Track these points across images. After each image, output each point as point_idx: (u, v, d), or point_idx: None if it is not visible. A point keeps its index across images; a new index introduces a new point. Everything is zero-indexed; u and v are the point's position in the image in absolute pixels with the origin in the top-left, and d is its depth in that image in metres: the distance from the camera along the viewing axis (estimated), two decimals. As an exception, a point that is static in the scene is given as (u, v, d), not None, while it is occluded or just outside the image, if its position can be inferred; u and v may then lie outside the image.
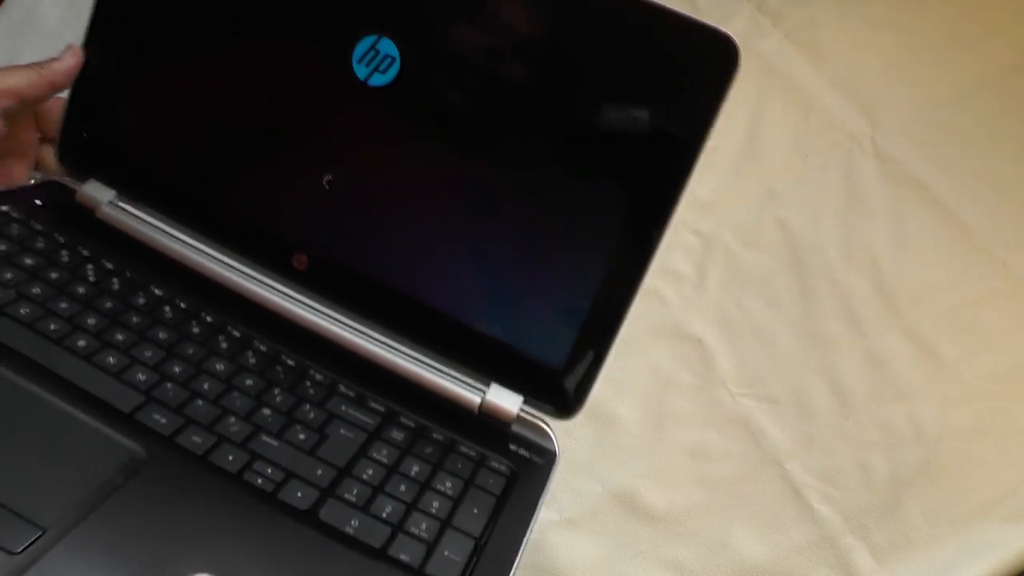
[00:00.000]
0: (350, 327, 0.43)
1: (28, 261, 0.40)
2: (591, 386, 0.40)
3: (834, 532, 0.46)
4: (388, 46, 0.41)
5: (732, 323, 0.54)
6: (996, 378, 0.50)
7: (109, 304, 0.40)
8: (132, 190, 0.45)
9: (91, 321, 0.38)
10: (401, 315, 0.42)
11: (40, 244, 0.42)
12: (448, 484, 0.37)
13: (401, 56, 0.41)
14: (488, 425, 0.41)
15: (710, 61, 0.38)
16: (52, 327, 0.37)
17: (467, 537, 0.35)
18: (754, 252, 0.57)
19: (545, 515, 0.48)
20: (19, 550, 0.29)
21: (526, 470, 0.39)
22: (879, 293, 0.54)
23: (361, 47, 0.41)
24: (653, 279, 0.43)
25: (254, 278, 0.44)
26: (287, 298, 0.43)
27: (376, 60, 0.41)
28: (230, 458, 0.35)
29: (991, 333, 0.52)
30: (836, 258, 0.56)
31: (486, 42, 0.40)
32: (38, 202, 0.45)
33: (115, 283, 0.41)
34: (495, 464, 0.39)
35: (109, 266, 0.42)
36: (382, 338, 0.43)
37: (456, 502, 0.36)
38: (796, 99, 0.64)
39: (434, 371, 0.42)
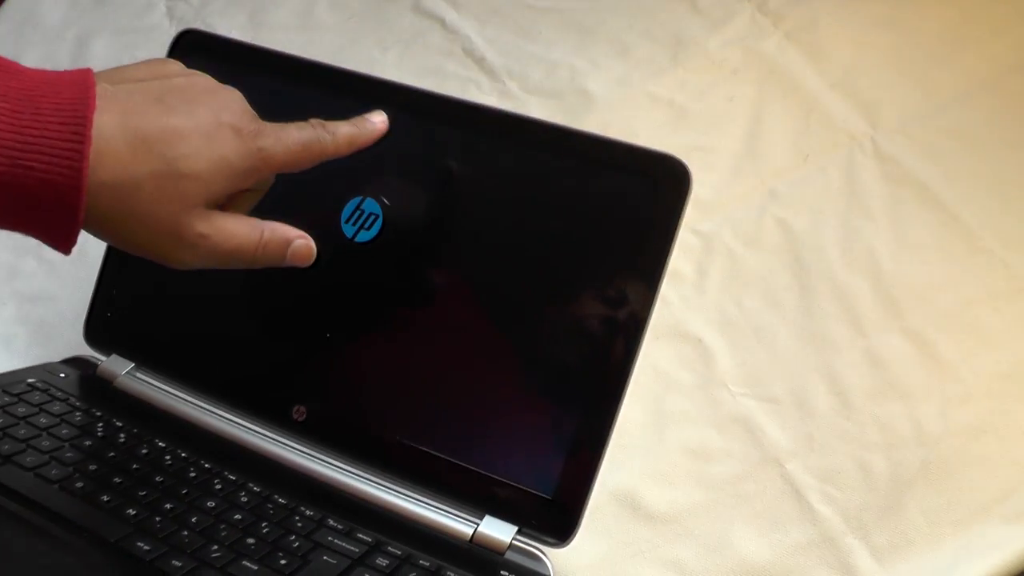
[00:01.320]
0: (344, 470, 0.45)
1: (43, 420, 0.45)
2: (582, 512, 0.41)
3: (834, 532, 0.46)
4: (372, 205, 0.45)
5: (732, 323, 0.55)
6: (996, 378, 0.50)
7: (112, 454, 0.43)
8: (147, 362, 0.51)
9: (92, 467, 0.42)
10: (394, 458, 0.45)
11: (56, 407, 0.46)
12: None
13: (384, 213, 0.45)
14: (480, 555, 0.42)
15: (664, 186, 0.41)
16: (54, 472, 0.41)
17: None
18: (754, 252, 0.57)
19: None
20: None
21: None
22: (879, 293, 0.54)
23: (348, 208, 0.46)
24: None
25: (254, 430, 0.47)
26: (285, 447, 0.46)
27: (361, 219, 0.45)
28: None
29: (991, 333, 0.52)
30: (836, 258, 0.56)
31: (453, 196, 0.45)
32: (63, 375, 0.51)
33: (122, 437, 0.45)
34: None
35: (118, 424, 0.46)
36: (375, 479, 0.45)
37: None
38: (796, 99, 0.64)
39: (426, 506, 0.44)
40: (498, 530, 0.42)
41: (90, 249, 0.61)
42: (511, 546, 0.42)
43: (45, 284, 0.63)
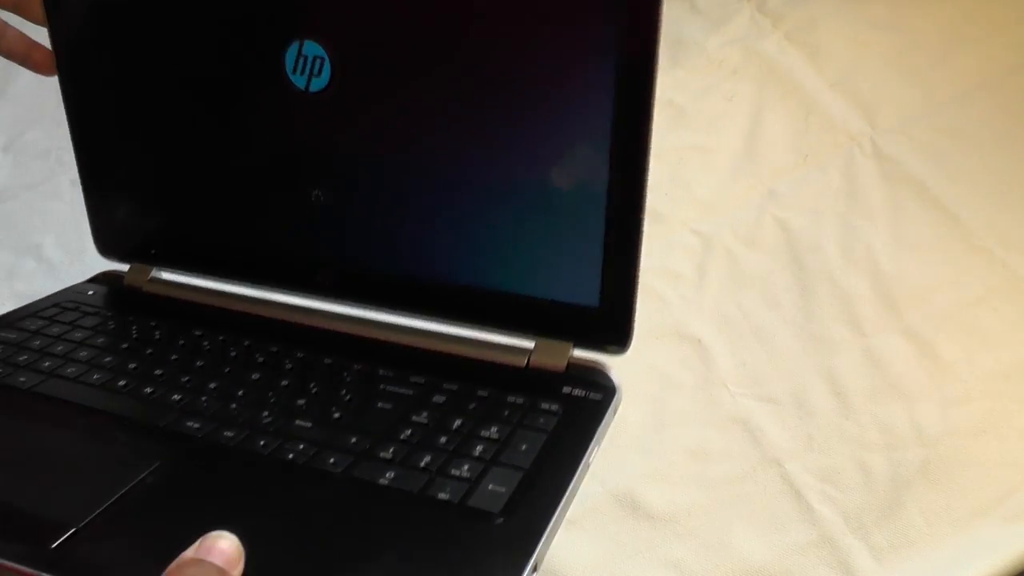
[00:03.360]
0: (386, 324, 0.44)
1: (78, 335, 0.46)
2: (632, 313, 0.39)
3: (834, 532, 0.46)
4: (312, 48, 0.41)
5: (732, 323, 0.54)
6: (996, 378, 0.50)
7: (149, 351, 0.44)
8: (168, 261, 0.51)
9: (132, 366, 0.42)
10: (432, 299, 0.43)
11: (89, 321, 0.47)
12: (494, 430, 0.36)
13: (328, 53, 0.41)
14: (540, 379, 0.40)
15: None
16: (95, 376, 0.42)
17: (514, 470, 0.35)
18: (754, 252, 0.57)
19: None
20: (53, 546, 0.32)
21: (581, 407, 0.38)
22: (879, 293, 0.54)
23: (289, 58, 0.42)
24: (653, 279, 0.43)
25: (289, 305, 0.46)
26: (323, 315, 0.45)
27: (308, 65, 0.42)
28: (262, 443, 0.36)
29: (991, 333, 0.52)
30: (836, 258, 0.56)
31: (402, 10, 0.40)
32: (91, 292, 0.51)
33: (157, 335, 0.45)
34: (546, 406, 0.38)
35: (152, 323, 0.46)
36: (419, 325, 0.43)
37: (502, 444, 0.36)
38: (796, 99, 0.64)
39: (475, 344, 0.42)
40: (552, 351, 0.40)
41: (89, 250, 0.61)
42: (570, 365, 0.40)
43: (44, 284, 0.63)
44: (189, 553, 0.31)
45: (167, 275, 0.50)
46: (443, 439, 0.36)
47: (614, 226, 0.39)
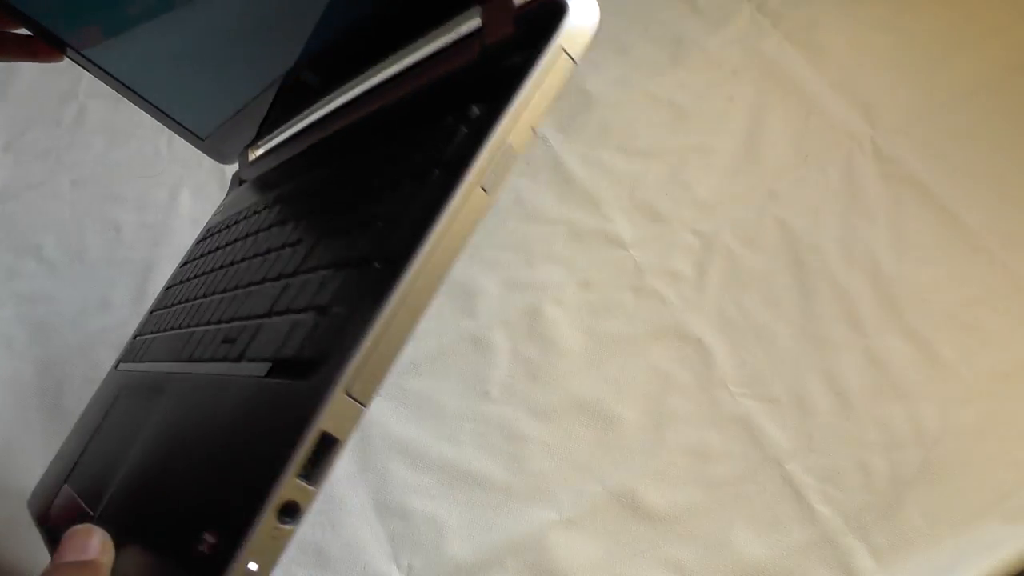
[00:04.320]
0: (370, 89, 0.45)
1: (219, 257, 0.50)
2: None
3: (834, 532, 0.46)
4: None
5: (732, 323, 0.54)
6: (996, 378, 0.50)
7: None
8: (256, 138, 0.56)
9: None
10: (377, 40, 0.42)
11: (224, 237, 0.52)
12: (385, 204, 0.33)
13: None
14: (494, 65, 0.34)
15: None
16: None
17: (364, 269, 0.29)
18: (754, 252, 0.57)
19: (545, 515, 0.48)
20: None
21: (499, 86, 0.30)
22: (879, 293, 0.54)
23: None
24: (653, 279, 0.43)
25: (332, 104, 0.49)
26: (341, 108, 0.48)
27: None
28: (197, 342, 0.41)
29: (991, 333, 0.52)
30: (836, 258, 0.56)
31: None
32: (221, 207, 0.58)
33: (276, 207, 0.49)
34: (453, 120, 0.32)
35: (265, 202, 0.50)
36: (390, 72, 0.43)
37: (382, 229, 0.32)
38: (796, 99, 0.63)
39: (434, 61, 0.39)
40: (493, 17, 0.34)
41: (89, 250, 0.61)
42: (518, 20, 0.33)
43: (44, 285, 0.63)
44: (48, 569, 0.29)
45: (260, 148, 0.57)
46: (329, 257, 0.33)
47: None
